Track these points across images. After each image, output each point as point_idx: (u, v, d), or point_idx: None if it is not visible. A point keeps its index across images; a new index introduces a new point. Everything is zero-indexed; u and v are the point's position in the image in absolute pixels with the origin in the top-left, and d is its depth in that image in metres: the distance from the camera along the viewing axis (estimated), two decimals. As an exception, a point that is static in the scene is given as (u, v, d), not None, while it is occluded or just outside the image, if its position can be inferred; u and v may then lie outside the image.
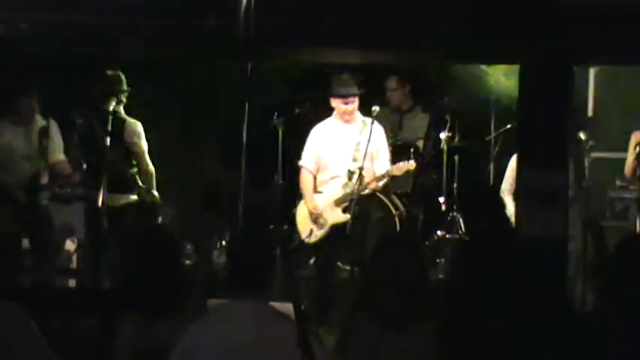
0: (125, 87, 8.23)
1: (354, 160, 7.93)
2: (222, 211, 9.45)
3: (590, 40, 6.44)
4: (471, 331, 4.33)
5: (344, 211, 7.90)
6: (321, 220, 7.99)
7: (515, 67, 7.07)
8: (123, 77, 8.25)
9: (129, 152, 8.10)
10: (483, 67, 9.43)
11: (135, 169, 8.17)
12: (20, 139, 8.15)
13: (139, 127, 8.19)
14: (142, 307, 3.85)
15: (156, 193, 8.18)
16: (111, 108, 8.11)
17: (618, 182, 9.09)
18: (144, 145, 8.17)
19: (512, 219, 8.50)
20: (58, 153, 8.40)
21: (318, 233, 8.02)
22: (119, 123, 8.10)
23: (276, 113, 9.36)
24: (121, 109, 8.21)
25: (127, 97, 8.28)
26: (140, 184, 8.13)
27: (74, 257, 9.39)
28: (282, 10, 6.35)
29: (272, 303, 3.45)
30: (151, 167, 8.19)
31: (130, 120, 8.18)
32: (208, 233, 9.04)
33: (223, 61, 8.92)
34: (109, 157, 7.95)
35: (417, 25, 6.50)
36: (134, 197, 8.10)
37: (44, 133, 8.29)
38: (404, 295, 3.86)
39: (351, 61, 8.21)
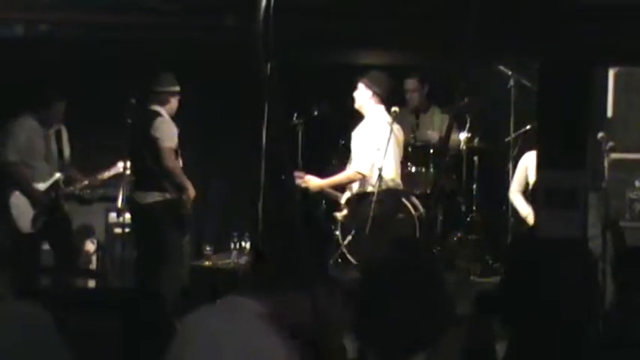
0: (168, 88, 8.20)
1: None
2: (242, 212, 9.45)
3: (610, 40, 6.42)
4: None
5: None
6: None
7: (535, 68, 7.06)
8: (171, 78, 8.22)
9: (158, 150, 8.01)
10: (503, 67, 9.40)
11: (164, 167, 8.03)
12: (42, 141, 8.20)
13: (166, 124, 8.09)
14: None
15: (190, 192, 8.08)
16: (152, 107, 8.13)
17: (637, 183, 9.05)
18: (170, 143, 8.05)
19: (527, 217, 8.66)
20: (70, 157, 8.47)
21: None
22: (150, 120, 8.06)
23: (295, 114, 9.37)
24: (160, 108, 8.14)
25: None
26: (169, 183, 8.01)
27: (93, 258, 9.45)
28: (302, 10, 6.35)
29: None
30: (177, 167, 8.10)
31: (161, 118, 8.09)
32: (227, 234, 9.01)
33: (242, 61, 8.90)
34: (139, 154, 7.99)
35: (436, 26, 6.49)
36: (164, 195, 8.02)
37: (59, 136, 8.35)
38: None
39: (370, 62, 8.21)
